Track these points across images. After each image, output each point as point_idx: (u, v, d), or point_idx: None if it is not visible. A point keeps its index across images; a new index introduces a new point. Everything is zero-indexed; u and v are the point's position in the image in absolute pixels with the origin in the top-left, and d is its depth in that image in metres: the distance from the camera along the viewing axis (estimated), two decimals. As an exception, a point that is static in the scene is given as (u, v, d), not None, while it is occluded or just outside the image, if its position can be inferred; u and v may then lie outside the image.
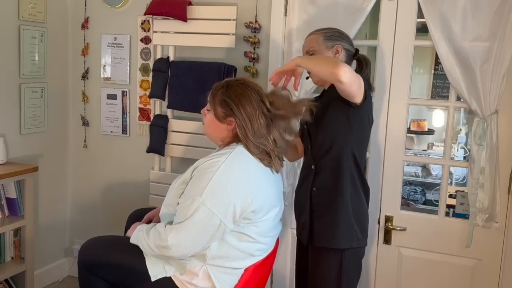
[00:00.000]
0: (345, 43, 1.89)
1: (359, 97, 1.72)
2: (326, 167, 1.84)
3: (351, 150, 1.80)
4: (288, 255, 2.51)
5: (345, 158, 1.80)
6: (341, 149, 1.80)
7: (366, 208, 1.90)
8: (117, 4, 2.77)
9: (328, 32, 1.90)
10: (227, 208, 1.66)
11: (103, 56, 2.88)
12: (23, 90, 2.69)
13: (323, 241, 1.85)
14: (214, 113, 1.80)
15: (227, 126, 1.79)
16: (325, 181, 1.84)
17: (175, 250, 1.66)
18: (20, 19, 2.62)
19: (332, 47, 1.87)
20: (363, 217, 1.88)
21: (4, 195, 2.52)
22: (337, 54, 1.87)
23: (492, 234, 2.14)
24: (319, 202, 1.86)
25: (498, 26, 1.97)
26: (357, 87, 1.69)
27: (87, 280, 1.92)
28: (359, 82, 1.69)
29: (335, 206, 1.82)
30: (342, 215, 1.81)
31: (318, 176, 1.86)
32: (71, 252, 3.11)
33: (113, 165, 2.95)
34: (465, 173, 4.67)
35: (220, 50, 2.54)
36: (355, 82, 1.67)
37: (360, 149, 1.85)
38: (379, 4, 2.21)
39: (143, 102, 2.80)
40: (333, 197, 1.82)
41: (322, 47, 1.88)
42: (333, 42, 1.87)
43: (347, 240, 1.82)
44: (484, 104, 2.03)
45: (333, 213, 1.82)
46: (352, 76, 1.65)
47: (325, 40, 1.88)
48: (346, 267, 1.82)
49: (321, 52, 1.87)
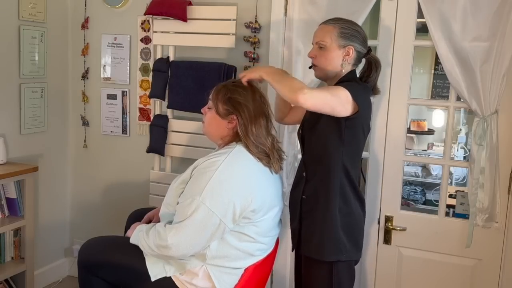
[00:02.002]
0: (358, 44, 1.78)
1: (343, 112, 1.66)
2: (316, 176, 1.79)
3: (342, 162, 1.74)
4: (288, 255, 2.51)
5: (335, 169, 1.74)
6: (331, 160, 1.74)
7: (358, 220, 1.83)
8: (117, 4, 2.77)
9: (345, 28, 1.78)
10: (227, 207, 1.67)
11: (103, 56, 2.88)
12: (23, 90, 2.69)
13: (309, 251, 1.81)
14: (216, 110, 1.81)
15: (228, 124, 1.79)
16: (314, 190, 1.79)
17: (175, 250, 1.67)
18: (20, 19, 2.62)
19: (344, 47, 1.77)
20: (355, 230, 1.81)
21: (4, 195, 2.52)
22: (347, 56, 1.77)
23: (492, 234, 2.14)
24: (308, 210, 1.81)
25: (498, 26, 1.97)
26: (335, 104, 1.64)
27: (87, 280, 1.92)
28: (339, 99, 1.64)
29: (322, 217, 1.76)
30: (328, 227, 1.75)
31: (308, 184, 1.82)
32: (71, 252, 3.11)
33: (113, 165, 2.95)
34: (465, 173, 4.67)
35: (220, 50, 2.54)
36: (328, 102, 1.63)
37: (352, 160, 1.77)
38: (379, 4, 2.21)
39: (143, 102, 2.80)
40: (320, 207, 1.77)
41: (334, 45, 1.77)
42: (346, 42, 1.77)
43: (334, 253, 1.75)
44: (484, 104, 2.02)
45: (320, 223, 1.77)
46: (318, 99, 1.62)
47: (339, 38, 1.77)
48: (337, 280, 1.77)
49: (331, 50, 1.77)
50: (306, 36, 2.25)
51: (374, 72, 1.86)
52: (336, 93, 1.65)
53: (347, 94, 1.65)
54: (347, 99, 1.65)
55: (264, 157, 1.78)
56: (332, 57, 1.78)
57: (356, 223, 1.82)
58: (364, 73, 1.88)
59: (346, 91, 1.66)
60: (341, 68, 1.79)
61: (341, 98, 1.65)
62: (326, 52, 1.78)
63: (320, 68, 1.82)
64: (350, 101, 1.66)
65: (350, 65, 1.80)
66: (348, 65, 1.79)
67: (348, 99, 1.65)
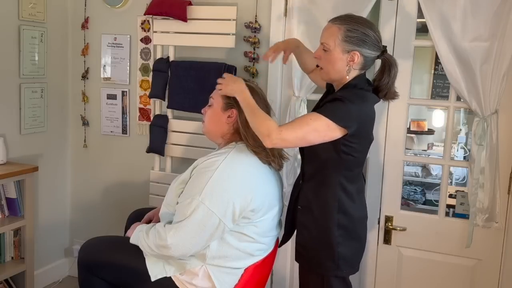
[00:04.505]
0: (365, 49, 1.64)
1: (328, 139, 1.59)
2: (311, 187, 1.73)
3: (338, 178, 1.67)
4: (288, 255, 2.51)
5: (331, 183, 1.68)
6: (328, 173, 1.68)
7: (358, 234, 1.76)
8: (117, 4, 2.77)
9: (352, 31, 1.63)
10: (226, 207, 1.67)
11: (103, 56, 2.88)
12: (23, 90, 2.69)
13: (303, 260, 1.78)
14: (217, 105, 1.82)
15: (227, 119, 1.80)
16: (309, 202, 1.72)
17: (174, 250, 1.67)
18: (20, 19, 2.62)
19: (348, 52, 1.63)
20: (353, 246, 1.73)
21: (4, 195, 2.52)
22: (351, 61, 1.64)
23: (492, 234, 2.14)
24: (303, 221, 1.75)
25: (498, 26, 1.97)
26: (313, 139, 1.58)
27: (87, 280, 1.92)
28: (316, 133, 1.56)
29: (316, 231, 1.71)
30: (325, 242, 1.69)
31: (303, 194, 1.75)
32: (71, 252, 3.11)
33: (113, 165, 2.95)
34: (465, 173, 4.67)
35: (220, 50, 2.54)
36: (305, 138, 1.57)
37: (351, 173, 1.70)
38: (379, 4, 2.21)
39: (143, 102, 2.80)
40: (313, 221, 1.71)
41: (337, 49, 1.64)
42: (351, 47, 1.63)
43: (330, 268, 1.70)
44: (484, 104, 2.02)
45: (314, 237, 1.71)
46: (290, 141, 1.57)
47: (343, 42, 1.63)
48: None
49: (334, 55, 1.65)
50: (306, 36, 2.25)
51: (387, 75, 1.69)
52: (313, 127, 1.57)
53: (327, 123, 1.56)
54: (327, 128, 1.57)
55: (263, 152, 1.77)
56: (336, 62, 1.66)
57: (355, 236, 1.75)
58: (376, 76, 1.74)
59: (323, 121, 1.56)
60: (346, 74, 1.67)
61: (318, 131, 1.57)
62: (330, 55, 1.67)
63: (324, 71, 1.72)
64: (334, 128, 1.57)
65: (356, 70, 1.67)
66: (353, 71, 1.67)
67: (329, 128, 1.57)
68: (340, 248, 1.69)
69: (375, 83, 1.74)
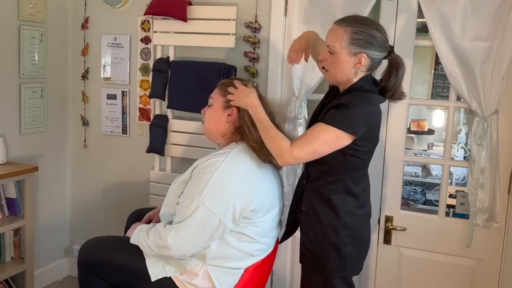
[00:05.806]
0: (372, 50, 1.62)
1: (339, 148, 1.59)
2: (316, 188, 1.71)
3: (344, 179, 1.66)
4: (288, 255, 2.51)
5: (337, 185, 1.67)
6: (333, 174, 1.67)
7: (363, 234, 1.76)
8: (117, 4, 2.77)
9: (358, 33, 1.60)
10: (227, 207, 1.67)
11: (103, 56, 2.88)
12: (23, 90, 2.69)
13: (307, 262, 1.77)
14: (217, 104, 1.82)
15: (228, 117, 1.80)
16: (314, 203, 1.71)
17: (174, 250, 1.67)
18: (20, 19, 2.62)
19: (354, 54, 1.61)
20: (359, 244, 1.73)
21: (4, 195, 2.52)
22: (359, 64, 1.62)
23: (492, 234, 2.14)
24: (307, 222, 1.74)
25: (498, 26, 1.97)
26: (325, 150, 1.58)
27: (87, 280, 1.92)
28: (327, 145, 1.57)
29: (322, 232, 1.69)
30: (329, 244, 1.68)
31: (307, 195, 1.74)
32: (71, 252, 3.11)
33: (113, 165, 2.95)
34: (465, 173, 4.67)
35: (220, 50, 2.54)
36: (316, 151, 1.58)
37: (357, 174, 1.69)
38: (379, 4, 2.21)
39: (143, 102, 2.80)
40: (318, 222, 1.69)
41: (344, 52, 1.62)
42: (358, 49, 1.61)
43: (337, 269, 1.70)
44: (484, 104, 2.02)
45: (319, 238, 1.70)
46: (304, 157, 1.60)
47: (350, 45, 1.60)
48: None
49: (340, 58, 1.63)
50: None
51: (394, 76, 1.67)
52: (322, 140, 1.57)
53: (336, 133, 1.56)
54: (337, 138, 1.58)
55: (263, 149, 1.75)
56: (342, 65, 1.64)
57: (360, 237, 1.74)
58: (384, 76, 1.72)
59: (332, 131, 1.56)
60: (353, 76, 1.65)
61: (329, 142, 1.58)
62: (336, 58, 1.64)
63: (330, 73, 1.69)
64: (343, 137, 1.57)
65: (363, 72, 1.66)
66: (360, 73, 1.65)
67: (338, 137, 1.57)
68: (347, 249, 1.69)
69: (382, 83, 1.72)
